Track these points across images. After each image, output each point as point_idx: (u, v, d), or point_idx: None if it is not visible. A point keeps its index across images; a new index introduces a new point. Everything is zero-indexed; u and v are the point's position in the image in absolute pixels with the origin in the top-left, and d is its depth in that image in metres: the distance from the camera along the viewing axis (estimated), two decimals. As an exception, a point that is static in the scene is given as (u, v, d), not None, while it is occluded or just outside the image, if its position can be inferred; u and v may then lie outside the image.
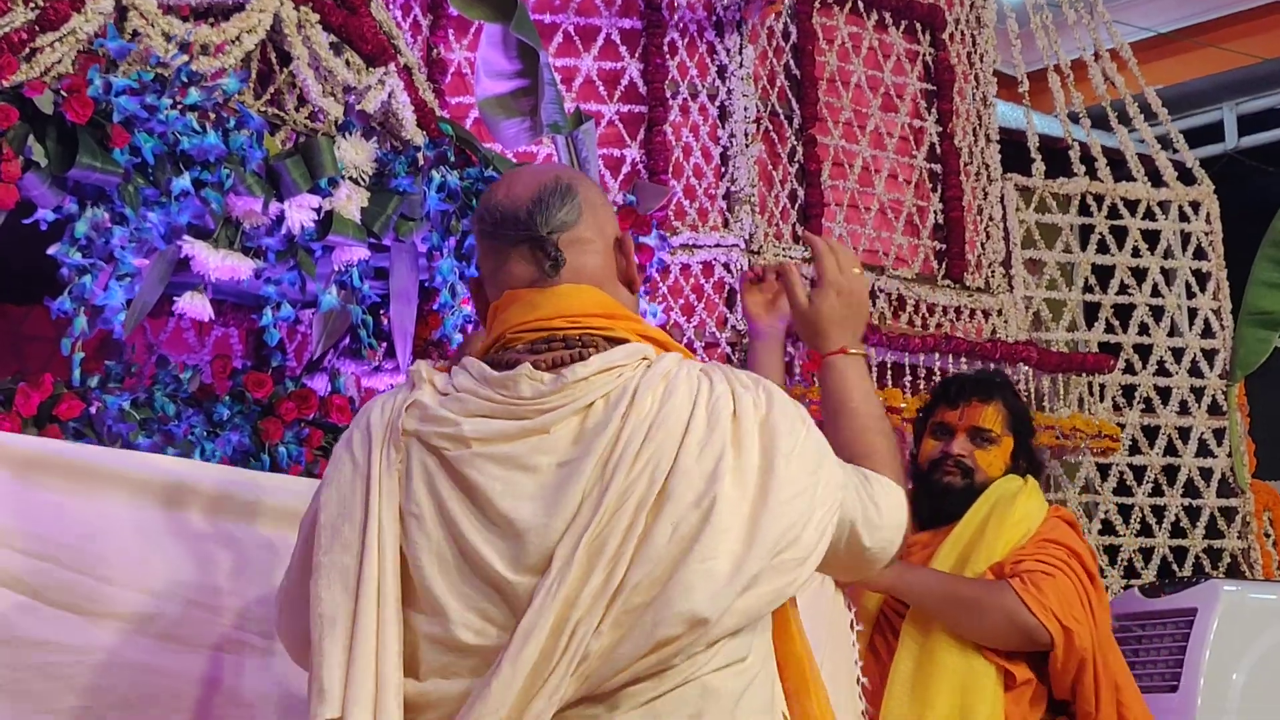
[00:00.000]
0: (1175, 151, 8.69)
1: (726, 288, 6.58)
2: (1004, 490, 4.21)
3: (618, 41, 6.69)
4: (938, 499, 4.23)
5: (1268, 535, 8.41)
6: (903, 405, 6.48)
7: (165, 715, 2.75)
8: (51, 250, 3.64)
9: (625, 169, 6.59)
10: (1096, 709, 4.08)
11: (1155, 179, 8.54)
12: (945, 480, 4.23)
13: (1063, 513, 4.30)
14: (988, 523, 4.16)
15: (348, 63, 4.73)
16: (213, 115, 3.99)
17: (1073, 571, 4.11)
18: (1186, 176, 8.60)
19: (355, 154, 4.23)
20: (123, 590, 2.73)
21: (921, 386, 6.84)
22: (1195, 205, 8.49)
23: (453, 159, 4.52)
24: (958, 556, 4.15)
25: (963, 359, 6.92)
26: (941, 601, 4.04)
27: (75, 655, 2.66)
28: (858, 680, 3.63)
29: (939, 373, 6.89)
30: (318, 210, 4.06)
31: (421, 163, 4.40)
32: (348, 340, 4.71)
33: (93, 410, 3.82)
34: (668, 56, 6.74)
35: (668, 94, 6.70)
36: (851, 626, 3.80)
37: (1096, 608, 4.14)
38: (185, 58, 4.07)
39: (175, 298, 4.01)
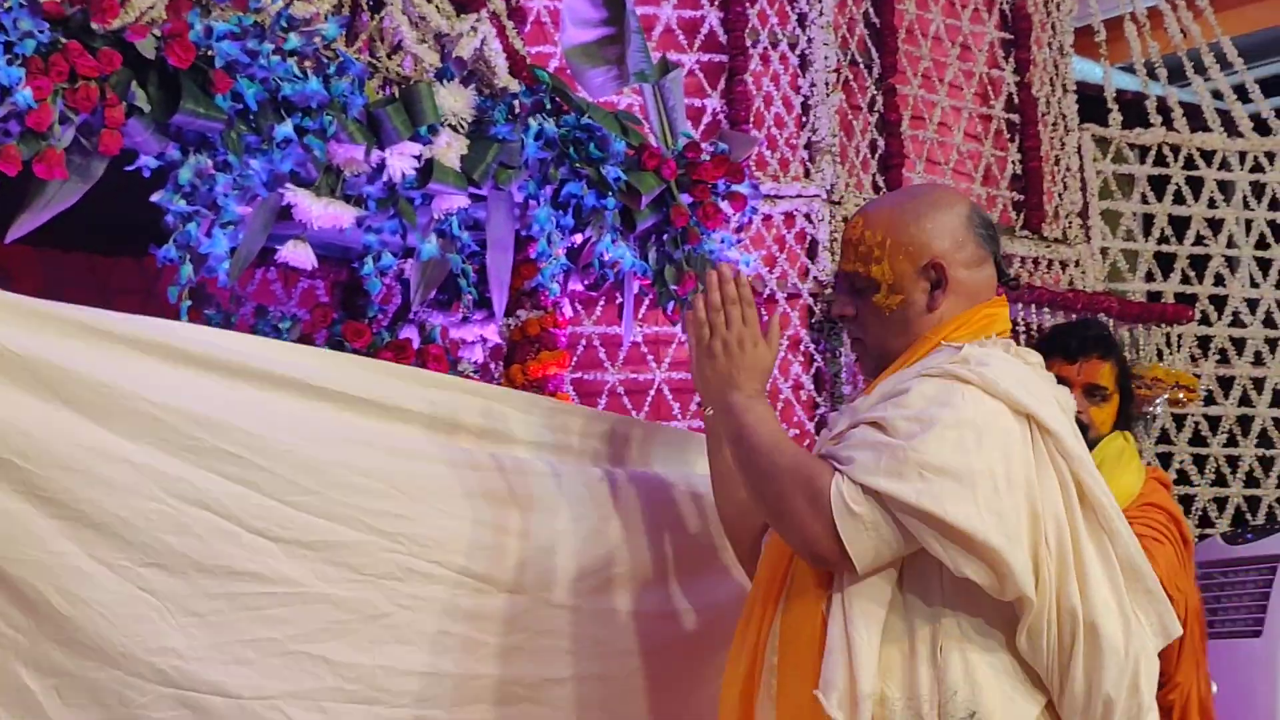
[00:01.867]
0: (1249, 102, 8.60)
1: (808, 238, 6.51)
2: (1109, 451, 4.24)
3: (697, -11, 6.62)
4: None
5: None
6: (987, 354, 6.44)
7: (335, 645, 2.79)
8: (155, 197, 3.60)
9: (706, 119, 6.51)
10: (1176, 669, 4.17)
11: (1231, 129, 8.45)
12: None
13: (1159, 474, 4.40)
14: None
15: (438, 9, 4.67)
16: (312, 61, 3.93)
17: (1173, 539, 4.17)
18: (1262, 127, 8.52)
19: (454, 101, 4.19)
20: (313, 518, 2.77)
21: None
22: (1271, 156, 8.42)
23: (549, 107, 4.46)
24: None
25: (1045, 309, 6.89)
26: None
27: (266, 586, 2.72)
28: None
29: (1020, 323, 6.84)
30: (418, 158, 4.01)
31: (519, 110, 4.35)
32: (435, 291, 4.67)
33: (198, 360, 3.76)
34: (747, 4, 6.63)
35: (748, 43, 6.60)
36: None
37: (1190, 575, 4.25)
38: (281, 3, 4.01)
39: (273, 247, 3.97)
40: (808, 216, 6.50)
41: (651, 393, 6.26)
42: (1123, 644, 2.57)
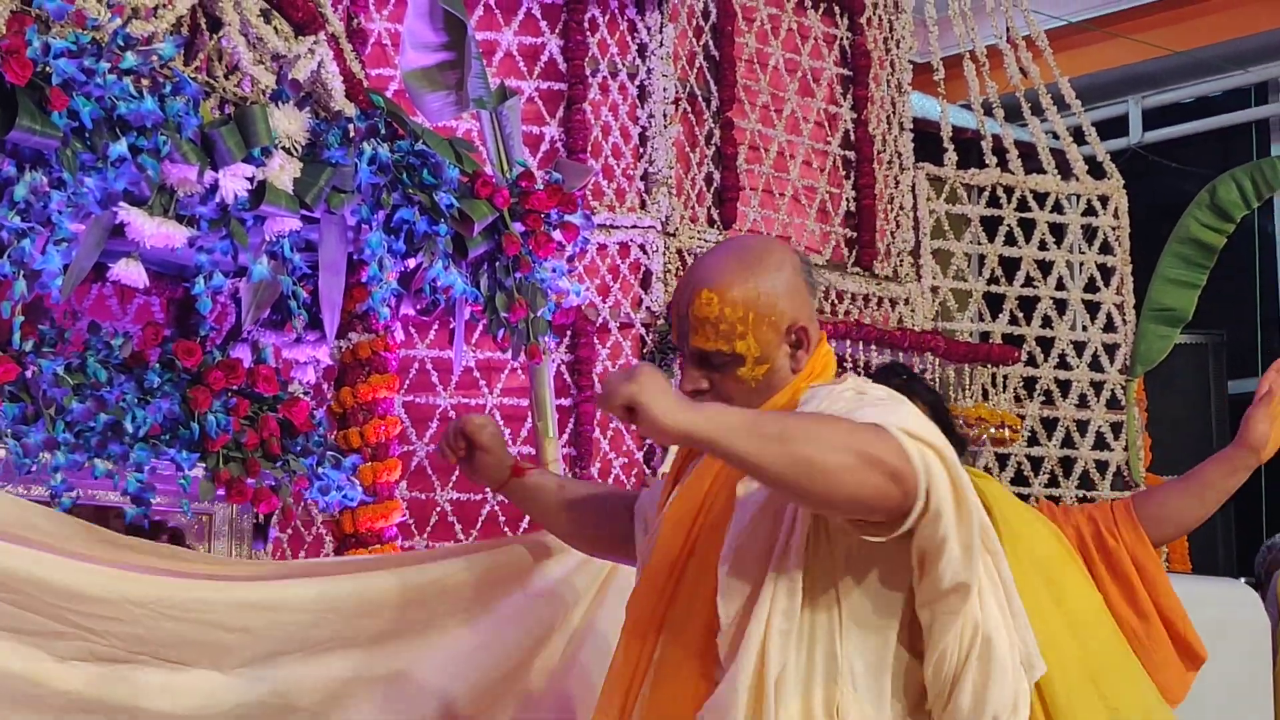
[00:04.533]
0: (1085, 144, 8.90)
1: (642, 269, 6.71)
2: None
3: (538, 16, 6.78)
4: None
5: (1159, 529, 8.64)
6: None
7: None
8: (-10, 213, 3.71)
9: (544, 146, 6.69)
10: None
11: (1065, 171, 8.76)
12: None
13: None
14: None
15: (276, 30, 4.81)
16: (147, 80, 4.06)
17: None
18: (1096, 170, 8.82)
19: (288, 124, 4.31)
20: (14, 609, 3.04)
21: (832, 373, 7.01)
22: (1104, 199, 8.72)
23: (384, 131, 4.60)
24: None
25: (872, 347, 7.13)
26: None
27: None
28: None
29: (849, 360, 7.09)
30: (251, 180, 4.14)
31: (353, 134, 4.48)
32: (267, 312, 4.80)
33: (28, 374, 3.90)
34: (588, 33, 6.82)
35: (587, 71, 6.79)
36: None
37: None
38: (119, 21, 4.13)
39: (107, 264, 4.09)
40: (642, 247, 6.70)
41: (482, 418, 6.43)
42: (1010, 662, 2.65)
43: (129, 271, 4.00)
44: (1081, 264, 8.70)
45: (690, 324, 2.88)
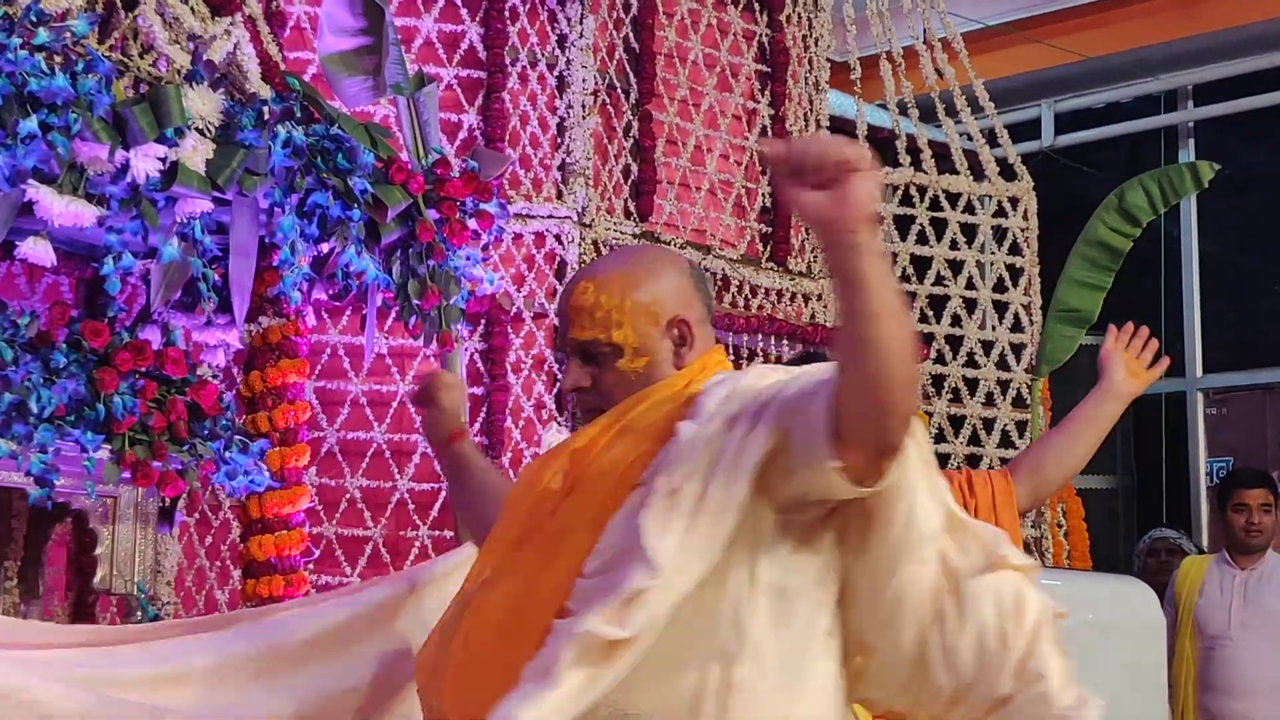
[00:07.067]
0: (997, 146, 8.95)
1: (557, 259, 6.66)
2: None
3: (458, 3, 6.71)
4: None
5: (1060, 526, 8.74)
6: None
7: None
8: (-106, 188, 3.63)
9: (462, 134, 6.62)
10: None
11: (977, 173, 8.80)
12: None
13: None
14: None
15: (193, 10, 4.73)
16: (60, 57, 3.98)
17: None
18: (1007, 172, 8.88)
19: (202, 104, 4.24)
20: None
21: (743, 365, 7.02)
22: (1014, 201, 8.78)
23: (299, 114, 4.54)
24: None
25: (784, 341, 7.12)
26: None
27: None
28: None
29: (760, 353, 7.09)
30: (163, 160, 4.07)
31: (268, 117, 4.41)
32: (178, 293, 4.72)
33: (-71, 352, 3.82)
34: (508, 22, 6.76)
35: (507, 60, 6.73)
36: None
37: None
38: (32, -5, 4.05)
39: (15, 242, 4.01)
40: (558, 238, 6.65)
41: (394, 404, 6.37)
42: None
43: (37, 250, 3.92)
44: (991, 264, 8.75)
45: (568, 316, 2.81)
